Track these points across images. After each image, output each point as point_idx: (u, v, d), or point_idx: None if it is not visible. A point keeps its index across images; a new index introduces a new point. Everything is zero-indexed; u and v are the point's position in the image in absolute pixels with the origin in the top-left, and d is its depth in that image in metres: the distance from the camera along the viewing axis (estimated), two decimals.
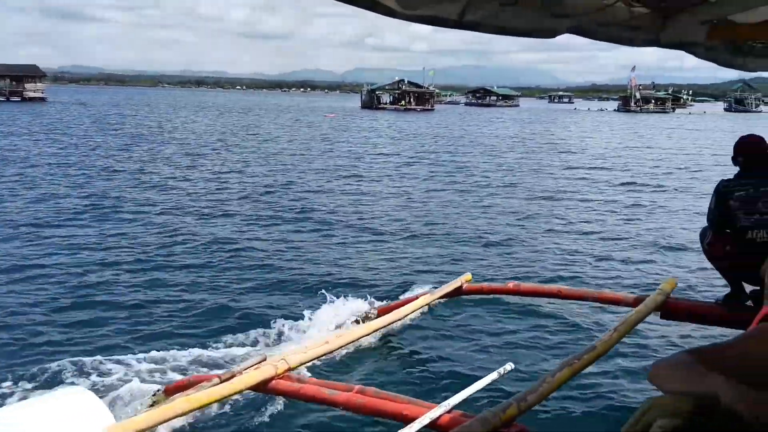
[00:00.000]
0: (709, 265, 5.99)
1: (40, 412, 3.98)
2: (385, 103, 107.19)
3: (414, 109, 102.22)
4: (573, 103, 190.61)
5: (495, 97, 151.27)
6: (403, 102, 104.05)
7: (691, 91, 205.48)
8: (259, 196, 18.11)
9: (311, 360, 5.32)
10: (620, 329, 5.11)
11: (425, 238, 13.02)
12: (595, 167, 28.16)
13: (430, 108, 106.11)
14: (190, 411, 4.40)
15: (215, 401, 4.60)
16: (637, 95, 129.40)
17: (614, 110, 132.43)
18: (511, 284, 7.06)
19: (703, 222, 5.68)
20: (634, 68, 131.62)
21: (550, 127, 65.05)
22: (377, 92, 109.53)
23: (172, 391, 5.14)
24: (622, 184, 22.61)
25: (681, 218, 15.97)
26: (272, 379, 4.69)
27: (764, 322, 1.89)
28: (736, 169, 5.41)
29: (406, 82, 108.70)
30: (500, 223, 14.88)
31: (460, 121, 72.70)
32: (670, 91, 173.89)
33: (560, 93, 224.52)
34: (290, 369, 4.85)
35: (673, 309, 5.98)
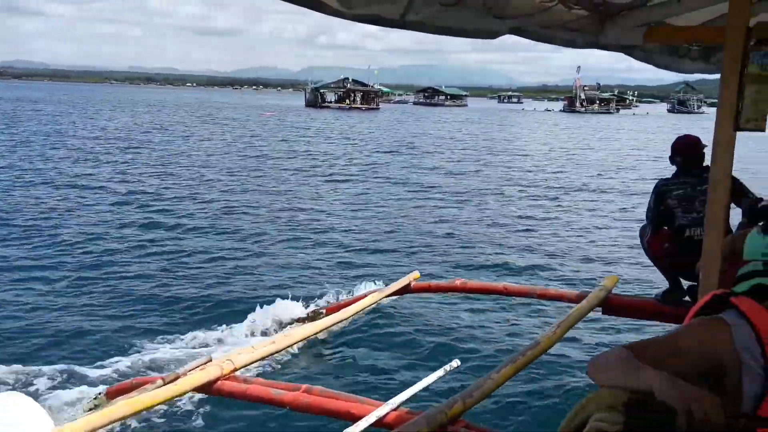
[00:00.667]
0: (648, 261, 6.15)
1: None
2: (330, 102, 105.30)
3: (359, 108, 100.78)
4: (522, 103, 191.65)
5: (443, 97, 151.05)
6: (347, 101, 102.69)
7: (636, 93, 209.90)
8: (198, 196, 17.78)
9: (258, 360, 5.26)
10: (563, 325, 5.22)
11: (373, 238, 13.04)
12: (538, 167, 28.58)
13: (375, 107, 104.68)
14: (133, 414, 4.30)
15: (159, 404, 4.51)
16: (582, 96, 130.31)
17: (560, 111, 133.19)
18: (458, 282, 7.13)
19: (643, 220, 5.83)
20: (578, 69, 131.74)
21: (494, 128, 64.93)
22: (321, 90, 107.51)
23: (113, 394, 5.02)
24: (565, 183, 23.03)
25: (621, 216, 16.39)
26: (218, 380, 4.63)
27: (697, 317, 1.96)
28: (674, 169, 5.55)
29: (350, 80, 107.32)
30: (447, 222, 15.00)
31: (404, 121, 71.57)
32: (616, 92, 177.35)
33: (509, 93, 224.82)
34: (236, 369, 4.80)
35: (614, 305, 6.13)
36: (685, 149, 5.47)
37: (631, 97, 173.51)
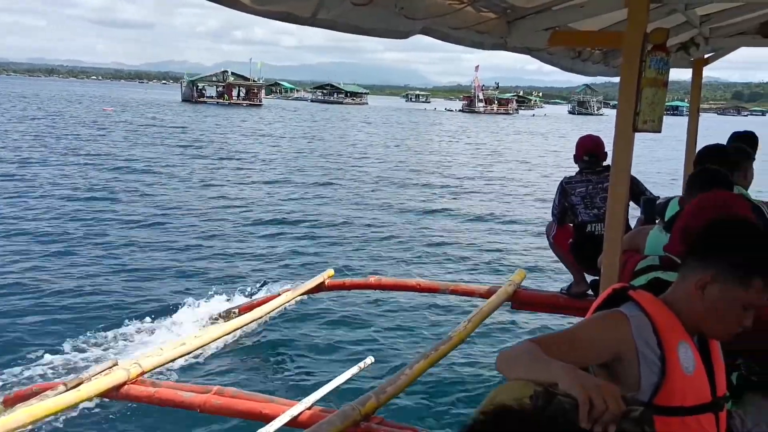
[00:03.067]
0: (554, 256, 6.38)
1: None
2: (210, 97, 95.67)
3: (240, 104, 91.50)
4: (429, 102, 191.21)
5: (342, 94, 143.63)
6: (225, 96, 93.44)
7: (540, 94, 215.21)
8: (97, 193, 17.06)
9: (167, 363, 5.13)
10: (474, 319, 5.35)
11: (288, 237, 12.91)
12: (440, 165, 28.68)
13: (257, 103, 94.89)
14: (33, 422, 4.10)
15: (61, 410, 4.32)
16: (480, 95, 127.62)
17: (459, 110, 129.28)
18: (372, 279, 7.19)
19: (550, 217, 6.04)
20: (477, 68, 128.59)
21: (389, 127, 61.99)
22: (200, 84, 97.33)
23: (12, 401, 4.76)
24: (468, 181, 23.32)
25: (528, 213, 16.87)
26: (124, 384, 4.48)
27: (598, 310, 2.04)
28: (575, 168, 5.76)
29: (230, 73, 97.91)
30: (359, 220, 15.02)
31: (288, 119, 66.91)
32: (521, 93, 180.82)
33: (417, 93, 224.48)
34: (143, 373, 4.66)
35: (522, 299, 6.33)
36: (587, 149, 5.69)
37: (535, 98, 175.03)
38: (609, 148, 3.34)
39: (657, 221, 3.67)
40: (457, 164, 29.64)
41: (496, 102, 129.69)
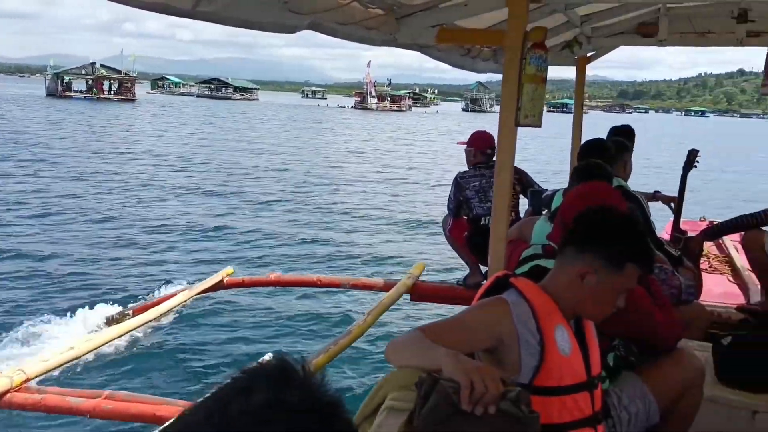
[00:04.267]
0: (451, 249, 6.53)
1: None
2: (78, 91, 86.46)
3: (110, 99, 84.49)
4: (326, 99, 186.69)
5: (231, 90, 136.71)
6: (94, 90, 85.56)
7: (436, 91, 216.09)
8: None
9: (54, 368, 4.89)
10: (373, 313, 5.40)
11: (185, 237, 12.58)
12: (333, 162, 28.53)
13: (130, 98, 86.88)
14: None
15: None
16: (372, 92, 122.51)
17: (351, 107, 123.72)
18: (272, 275, 7.11)
19: (446, 210, 6.18)
20: (369, 64, 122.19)
21: (275, 125, 59.12)
22: (65, 77, 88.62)
23: None
24: (364, 178, 23.38)
25: (425, 207, 17.16)
26: (7, 392, 4.24)
27: (484, 297, 2.13)
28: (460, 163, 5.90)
29: (99, 65, 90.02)
30: (257, 218, 14.85)
31: (161, 115, 62.51)
32: (417, 90, 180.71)
33: (314, 89, 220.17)
34: (29, 379, 4.42)
35: (421, 291, 6.44)
36: (480, 144, 5.86)
37: (430, 96, 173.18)
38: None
39: (544, 212, 3.84)
40: (353, 161, 29.66)
41: (389, 99, 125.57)
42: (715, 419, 2.86)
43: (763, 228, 4.94)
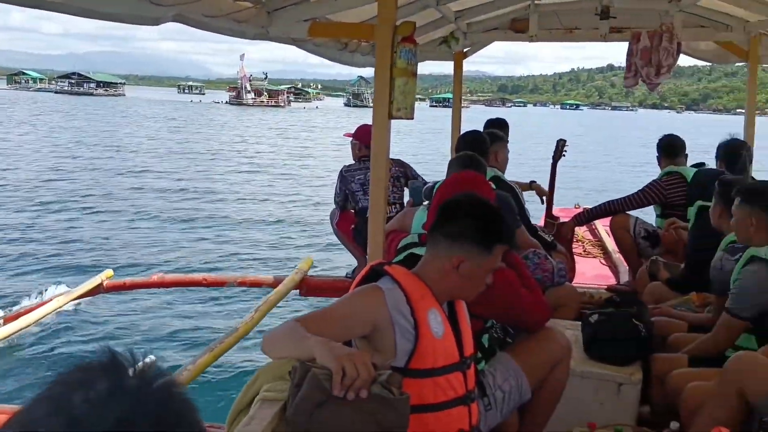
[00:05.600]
0: (339, 242, 6.56)
1: None
2: None
3: None
4: (204, 94, 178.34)
5: (93, 85, 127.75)
6: None
7: (320, 86, 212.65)
8: None
9: None
10: (261, 309, 5.36)
11: (61, 241, 11.94)
12: (216, 159, 28.06)
13: None
14: None
15: None
16: (248, 86, 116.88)
17: (226, 102, 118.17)
18: (155, 277, 6.89)
19: (332, 204, 6.21)
20: (242, 57, 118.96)
21: (148, 121, 56.26)
22: None
23: None
24: (248, 174, 23.12)
25: (311, 202, 17.13)
26: None
27: (360, 286, 2.17)
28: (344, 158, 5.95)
29: None
30: (139, 220, 14.30)
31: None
32: (298, 85, 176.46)
33: (191, 84, 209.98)
34: None
35: (310, 286, 6.44)
36: (365, 137, 5.92)
37: (313, 91, 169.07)
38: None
39: (425, 203, 3.94)
40: (232, 157, 29.07)
41: (266, 94, 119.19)
42: (584, 392, 3.04)
43: (629, 212, 5.30)
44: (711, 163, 4.85)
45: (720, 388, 2.53)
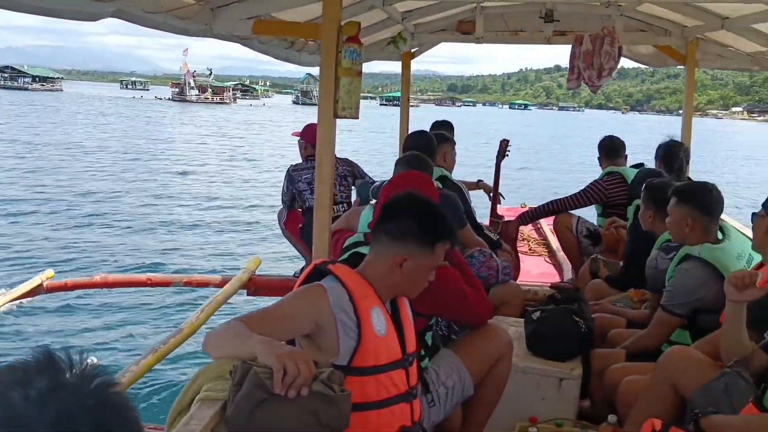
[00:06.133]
0: (287, 242, 6.53)
1: None
2: None
3: None
4: (148, 90, 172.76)
5: (29, 79, 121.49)
6: None
7: (268, 83, 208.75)
8: None
9: None
10: (207, 309, 5.27)
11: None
12: (157, 159, 27.43)
13: None
14: None
15: None
16: (192, 83, 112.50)
17: (168, 99, 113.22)
18: (98, 277, 6.72)
19: (280, 204, 6.18)
20: (186, 52, 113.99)
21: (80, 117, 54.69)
22: None
23: None
24: (187, 174, 22.72)
25: (257, 202, 16.97)
26: None
27: (304, 284, 2.17)
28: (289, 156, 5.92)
29: None
30: (81, 220, 13.93)
31: None
32: (246, 82, 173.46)
33: (134, 79, 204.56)
34: None
35: (257, 285, 6.38)
36: (311, 137, 5.91)
37: (261, 87, 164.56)
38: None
39: (372, 202, 3.96)
40: (172, 156, 28.54)
41: (211, 90, 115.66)
42: (526, 388, 3.11)
43: (571, 212, 5.43)
44: (651, 164, 4.99)
45: (654, 382, 2.61)
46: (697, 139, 6.22)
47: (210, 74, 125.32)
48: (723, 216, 3.96)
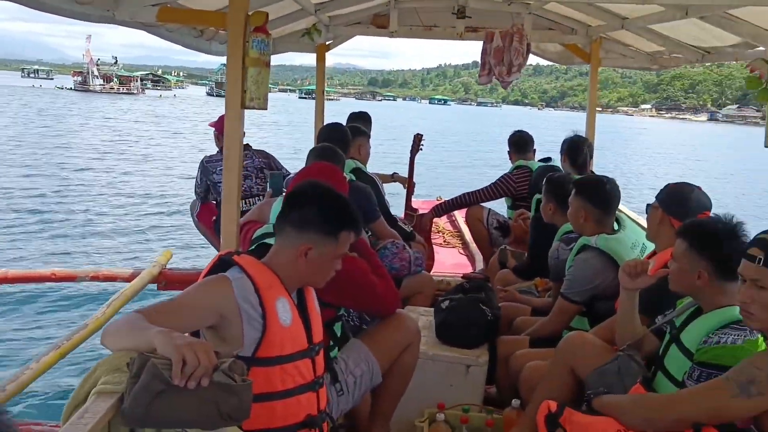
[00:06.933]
0: (200, 234, 6.42)
1: None
2: None
3: None
4: (53, 79, 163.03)
5: None
6: None
7: (182, 73, 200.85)
8: None
9: None
10: (114, 304, 5.11)
11: None
12: (59, 150, 26.45)
13: None
14: None
15: None
16: (95, 71, 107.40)
17: (70, 88, 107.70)
18: None
19: (192, 196, 6.06)
20: (89, 38, 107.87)
21: None
22: None
23: None
24: (99, 168, 21.97)
25: (168, 195, 16.55)
26: None
27: (210, 275, 2.15)
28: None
29: None
30: None
31: None
32: (158, 72, 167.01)
33: (36, 67, 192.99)
34: None
35: (168, 279, 6.22)
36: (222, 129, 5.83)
37: (174, 78, 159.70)
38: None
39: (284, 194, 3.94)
40: (77, 147, 27.43)
41: (117, 79, 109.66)
42: (435, 375, 3.18)
43: (483, 204, 5.58)
44: (557, 158, 5.17)
45: (553, 366, 2.73)
46: (611, 136, 6.48)
47: (115, 63, 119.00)
48: (622, 207, 4.18)
